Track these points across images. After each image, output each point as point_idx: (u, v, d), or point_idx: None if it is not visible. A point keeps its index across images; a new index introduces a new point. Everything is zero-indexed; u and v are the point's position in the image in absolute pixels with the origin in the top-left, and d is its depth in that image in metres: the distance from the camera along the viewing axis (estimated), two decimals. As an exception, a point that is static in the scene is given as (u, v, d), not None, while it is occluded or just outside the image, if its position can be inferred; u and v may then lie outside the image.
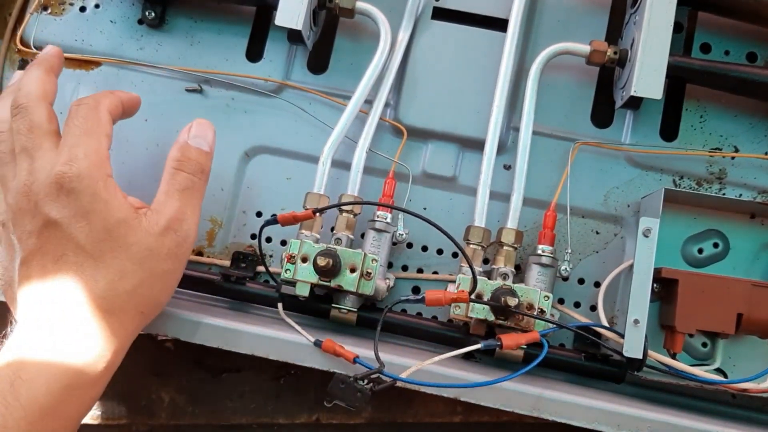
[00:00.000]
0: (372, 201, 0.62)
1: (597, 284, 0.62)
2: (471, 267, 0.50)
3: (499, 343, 0.50)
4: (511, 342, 0.50)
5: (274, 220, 0.54)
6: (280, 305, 0.58)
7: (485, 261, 0.62)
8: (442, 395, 0.51)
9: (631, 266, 0.54)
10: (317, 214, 0.54)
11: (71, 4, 0.70)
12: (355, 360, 0.50)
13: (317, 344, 0.52)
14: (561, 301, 0.62)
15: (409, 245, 0.64)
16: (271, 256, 0.65)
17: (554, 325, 0.54)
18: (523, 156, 0.61)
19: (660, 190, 0.56)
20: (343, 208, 0.59)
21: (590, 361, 0.58)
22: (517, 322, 0.53)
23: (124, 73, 0.68)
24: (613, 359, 0.57)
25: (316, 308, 0.59)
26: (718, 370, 0.59)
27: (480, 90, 0.64)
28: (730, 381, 0.54)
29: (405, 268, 0.64)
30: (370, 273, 0.55)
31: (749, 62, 0.64)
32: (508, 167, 0.64)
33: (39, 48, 0.68)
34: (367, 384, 0.43)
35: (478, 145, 0.63)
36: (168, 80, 0.68)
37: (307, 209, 0.54)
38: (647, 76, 0.56)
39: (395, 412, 0.63)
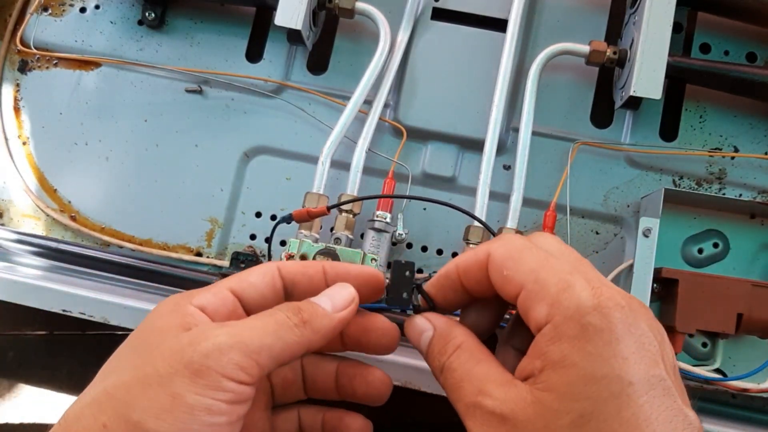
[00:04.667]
0: (386, 194, 0.61)
1: (597, 284, 0.62)
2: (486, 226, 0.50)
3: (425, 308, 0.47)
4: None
5: (289, 218, 0.53)
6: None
7: (485, 261, 0.62)
8: (442, 395, 0.51)
9: (631, 266, 0.54)
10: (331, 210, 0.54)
11: (71, 5, 0.70)
12: None
13: None
14: (561, 302, 0.62)
15: (409, 245, 0.64)
16: (271, 257, 0.65)
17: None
18: (522, 156, 0.60)
19: (660, 190, 0.56)
20: (342, 207, 0.59)
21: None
22: None
23: (124, 73, 0.68)
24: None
25: (316, 308, 0.59)
26: (718, 371, 0.59)
27: (480, 90, 0.64)
28: (728, 378, 0.54)
29: (405, 269, 0.64)
30: (370, 273, 0.54)
31: (749, 62, 0.64)
32: (507, 167, 0.64)
33: (39, 48, 0.68)
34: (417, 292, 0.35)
35: (477, 146, 0.63)
36: (168, 81, 0.68)
37: (319, 206, 0.54)
38: (647, 76, 0.56)
39: (394, 411, 0.63)
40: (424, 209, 0.64)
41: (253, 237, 0.65)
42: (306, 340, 0.31)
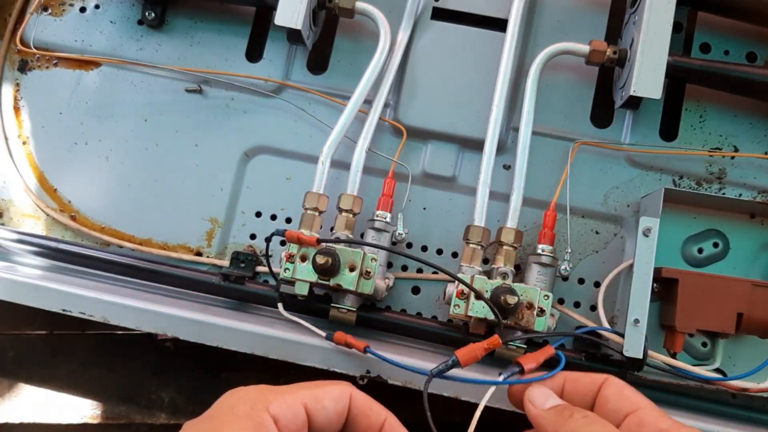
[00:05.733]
0: (373, 244, 0.60)
1: (597, 284, 0.62)
2: (495, 313, 0.50)
3: (519, 368, 0.45)
4: (532, 362, 0.45)
5: (282, 233, 0.54)
6: (280, 305, 0.58)
7: (485, 261, 0.62)
8: (442, 394, 0.51)
9: (631, 266, 0.54)
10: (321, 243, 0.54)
11: (71, 5, 0.70)
12: (366, 350, 0.49)
13: (329, 337, 0.52)
14: (561, 301, 0.62)
15: (409, 245, 0.64)
16: (270, 256, 0.64)
17: (561, 334, 0.54)
18: (522, 156, 0.60)
19: (660, 190, 0.56)
20: (342, 207, 0.59)
21: (591, 361, 0.57)
22: (517, 321, 0.53)
23: (123, 73, 0.68)
24: (614, 359, 0.57)
25: (316, 308, 0.59)
26: (718, 370, 0.59)
27: (480, 90, 0.64)
28: (728, 378, 0.54)
29: (405, 268, 0.64)
30: (370, 272, 0.54)
31: (749, 62, 0.64)
32: (507, 167, 0.64)
33: (39, 48, 0.68)
34: None
35: (477, 145, 0.63)
36: (168, 80, 0.68)
37: (311, 235, 0.54)
38: (646, 76, 0.56)
39: (395, 411, 0.63)
40: (424, 209, 0.64)
41: (253, 237, 0.65)
42: None
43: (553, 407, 0.38)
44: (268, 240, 0.55)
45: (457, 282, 0.54)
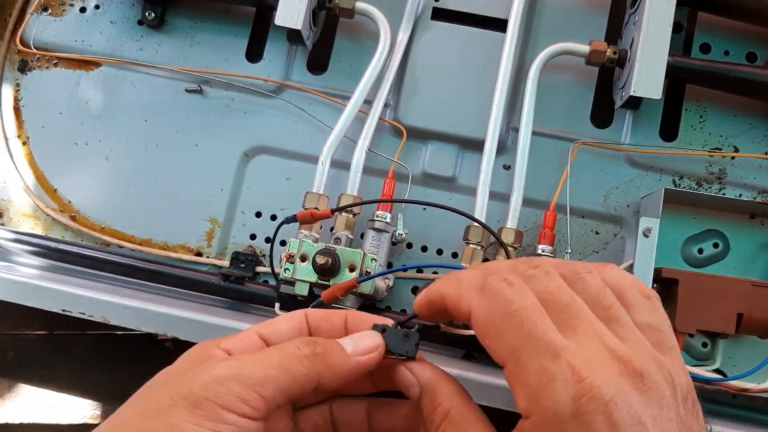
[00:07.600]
0: (394, 198, 0.61)
1: (597, 284, 0.62)
2: (504, 247, 0.50)
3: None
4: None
5: (293, 218, 0.54)
6: (277, 305, 0.58)
7: (485, 261, 0.62)
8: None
9: (631, 266, 0.54)
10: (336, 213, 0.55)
11: (71, 5, 0.70)
12: (357, 280, 0.51)
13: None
14: (561, 301, 0.62)
15: (409, 245, 0.64)
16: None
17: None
18: (522, 156, 0.60)
19: (660, 190, 0.56)
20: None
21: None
22: None
23: (123, 73, 0.68)
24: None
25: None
26: (718, 371, 0.59)
27: (480, 90, 0.64)
28: (728, 378, 0.54)
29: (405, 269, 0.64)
30: (369, 272, 0.54)
31: (749, 62, 0.64)
32: (507, 167, 0.64)
33: (39, 48, 0.68)
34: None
35: (477, 146, 0.63)
36: (168, 80, 0.68)
37: (318, 208, 0.55)
38: (647, 76, 0.56)
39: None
40: (424, 209, 0.64)
41: (253, 237, 0.65)
42: (315, 373, 0.29)
43: (419, 398, 0.33)
44: (270, 240, 0.55)
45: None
